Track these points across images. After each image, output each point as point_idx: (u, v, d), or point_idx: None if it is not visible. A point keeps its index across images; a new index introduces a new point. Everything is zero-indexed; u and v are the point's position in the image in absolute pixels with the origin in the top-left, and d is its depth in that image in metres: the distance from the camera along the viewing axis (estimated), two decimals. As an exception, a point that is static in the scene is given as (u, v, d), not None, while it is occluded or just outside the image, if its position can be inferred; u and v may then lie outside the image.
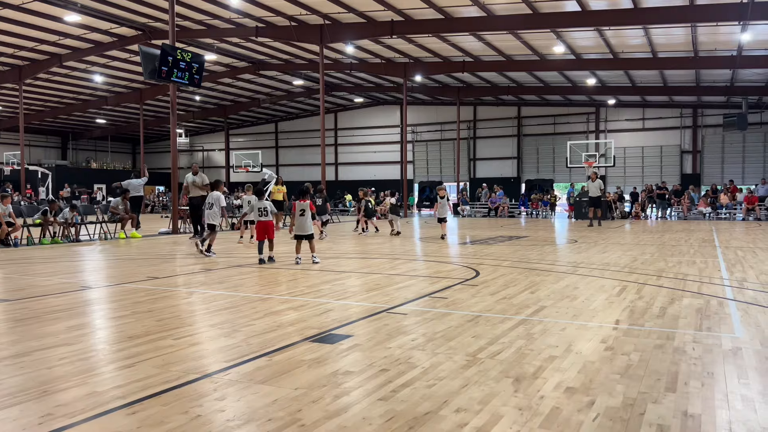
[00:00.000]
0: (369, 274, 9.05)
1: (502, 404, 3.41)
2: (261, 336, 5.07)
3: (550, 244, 14.61)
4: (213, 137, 48.15)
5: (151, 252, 12.87)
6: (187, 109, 40.32)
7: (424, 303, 6.61)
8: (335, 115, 42.70)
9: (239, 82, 33.99)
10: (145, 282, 8.33)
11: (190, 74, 17.66)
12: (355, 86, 36.36)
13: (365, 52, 27.80)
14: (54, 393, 3.62)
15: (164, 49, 16.81)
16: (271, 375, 3.96)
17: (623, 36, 22.74)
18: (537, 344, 4.75)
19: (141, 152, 38.78)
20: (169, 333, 5.20)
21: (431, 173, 39.89)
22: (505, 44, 24.85)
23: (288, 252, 12.61)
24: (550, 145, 36.79)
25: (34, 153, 41.90)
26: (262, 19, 23.13)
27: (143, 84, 32.38)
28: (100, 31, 24.24)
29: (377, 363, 4.22)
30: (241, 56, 28.85)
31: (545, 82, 31.85)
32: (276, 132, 45.68)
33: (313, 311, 6.16)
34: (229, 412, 3.29)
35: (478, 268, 9.47)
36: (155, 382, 3.80)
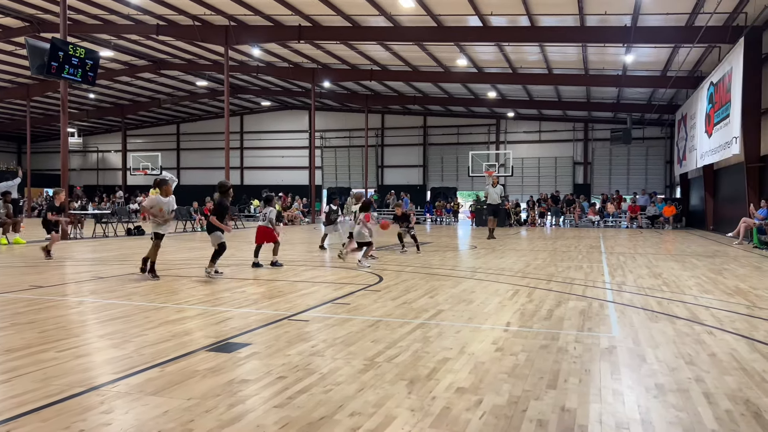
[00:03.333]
0: (272, 281, 8.96)
1: (395, 406, 3.51)
2: (154, 346, 4.90)
3: (452, 250, 15.10)
4: (109, 137, 45.71)
5: (37, 259, 12.02)
6: (81, 107, 38.06)
7: (327, 309, 6.64)
8: (241, 118, 41.84)
9: (138, 81, 32.53)
10: (28, 291, 7.79)
11: (84, 71, 16.72)
12: (262, 89, 35.82)
13: (273, 56, 27.49)
14: None
15: (54, 43, 15.82)
16: (163, 386, 3.85)
17: (522, 52, 23.96)
18: (433, 347, 4.92)
19: (27, 152, 36.10)
20: (53, 345, 4.90)
21: (340, 179, 40.01)
22: (412, 55, 25.44)
23: (189, 258, 12.22)
24: (454, 155, 37.99)
25: None
26: (163, 17, 22.32)
27: (31, 79, 30.22)
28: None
29: (275, 370, 4.21)
30: (141, 54, 27.65)
31: (450, 93, 32.90)
32: (178, 134, 44.07)
33: (211, 320, 6.02)
34: (116, 425, 3.17)
35: (382, 274, 9.63)
36: (34, 398, 3.58)
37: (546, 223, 30.67)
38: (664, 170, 34.84)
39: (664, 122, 33.25)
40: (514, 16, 19.73)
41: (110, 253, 13.70)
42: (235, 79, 32.02)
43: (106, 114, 39.96)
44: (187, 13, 21.82)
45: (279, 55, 27.21)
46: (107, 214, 21.79)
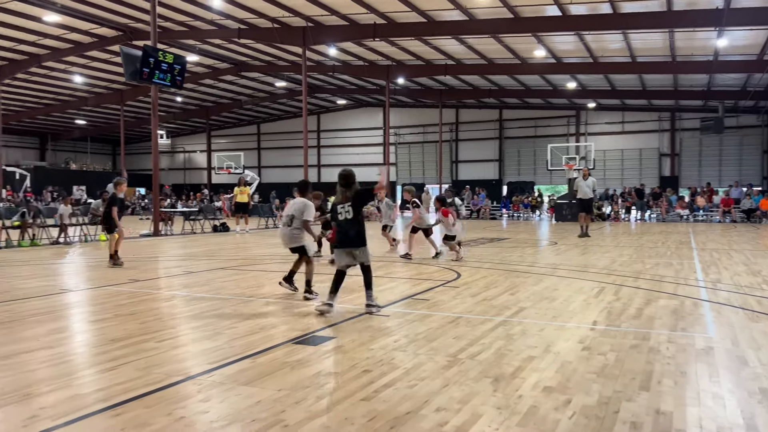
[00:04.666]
0: (351, 276, 9.08)
1: (481, 403, 3.49)
2: (244, 338, 5.11)
3: (531, 246, 14.79)
4: (194, 138, 47.82)
5: (133, 254, 12.78)
6: (169, 110, 40.02)
7: (406, 305, 6.68)
8: (318, 117, 42.67)
9: (221, 83, 33.83)
10: (127, 285, 8.30)
11: (172, 75, 17.57)
12: (337, 88, 36.38)
13: (348, 55, 27.85)
14: (37, 396, 3.63)
15: (146, 50, 16.72)
16: (254, 377, 4.00)
17: (603, 40, 23.07)
18: (516, 345, 4.85)
19: (122, 153, 38.40)
20: (152, 336, 5.21)
21: (414, 175, 40.03)
22: (487, 48, 25.06)
23: (273, 253, 12.59)
24: (531, 148, 37.13)
25: (12, 154, 41.21)
26: (244, 20, 23.08)
27: (124, 85, 32.08)
28: (80, 32, 23.99)
29: (360, 364, 4.28)
30: (224, 57, 28.73)
31: (526, 85, 32.16)
32: (258, 133, 45.51)
33: (295, 313, 6.20)
34: (213, 413, 3.33)
35: (460, 270, 9.57)
36: (138, 385, 3.82)
37: (630, 217, 29.44)
38: (760, 160, 32.56)
39: (761, 109, 31.05)
40: (595, 3, 19.02)
41: (198, 249, 14.35)
42: (312, 78, 32.68)
43: (191, 116, 41.86)
44: (267, 16, 22.47)
45: (354, 53, 27.53)
46: (194, 211, 22.85)
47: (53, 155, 45.85)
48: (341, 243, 6.37)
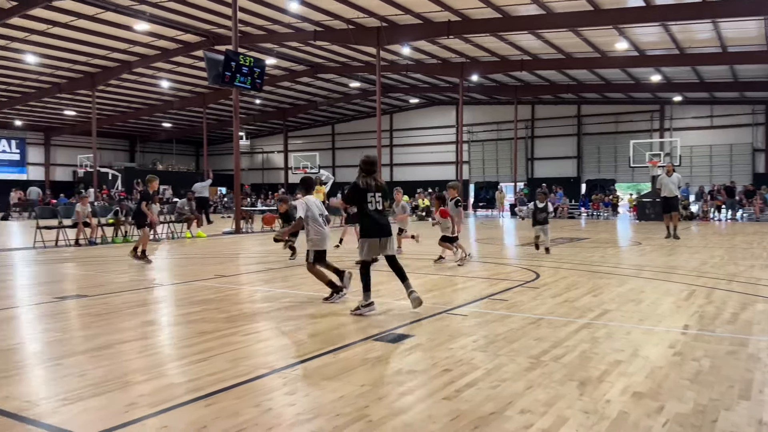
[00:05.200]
0: (427, 275, 9.10)
1: (567, 407, 3.40)
2: (324, 334, 5.21)
3: (613, 246, 14.26)
4: (272, 139, 49.22)
5: (216, 251, 13.32)
6: (248, 112, 41.38)
7: (484, 305, 6.60)
8: (391, 116, 42.90)
9: (297, 85, 34.64)
10: (213, 280, 8.65)
11: (252, 78, 18.15)
12: (410, 87, 36.44)
13: (421, 53, 27.83)
14: (135, 384, 3.85)
15: (228, 54, 17.36)
16: (336, 372, 4.08)
17: (690, 31, 21.90)
18: (602, 348, 4.69)
19: (204, 154, 40.05)
20: (238, 329, 5.40)
21: (487, 173, 39.51)
22: (565, 42, 24.36)
23: (343, 251, 12.78)
24: (611, 144, 35.80)
25: (105, 155, 43.90)
26: (320, 23, 23.52)
27: (206, 88, 33.45)
28: (167, 38, 25.22)
29: (440, 363, 4.27)
30: (300, 60, 29.40)
31: (606, 79, 31.01)
32: (333, 134, 46.29)
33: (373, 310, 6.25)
34: (299, 406, 3.42)
35: (538, 270, 9.36)
36: (227, 376, 3.98)
37: (720, 217, 27.79)
38: None
39: None
40: (682, -9, 18.10)
41: (277, 246, 14.74)
42: (385, 78, 32.89)
43: (269, 117, 43.14)
44: (342, 18, 22.80)
45: (427, 51, 27.48)
46: (273, 210, 23.52)
47: (142, 157, 48.47)
48: (372, 233, 6.12)
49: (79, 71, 29.26)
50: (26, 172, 41.37)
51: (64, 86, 30.84)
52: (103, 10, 21.21)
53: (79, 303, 6.86)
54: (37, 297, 7.33)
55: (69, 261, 11.57)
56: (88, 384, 3.82)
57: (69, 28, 22.96)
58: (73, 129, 41.47)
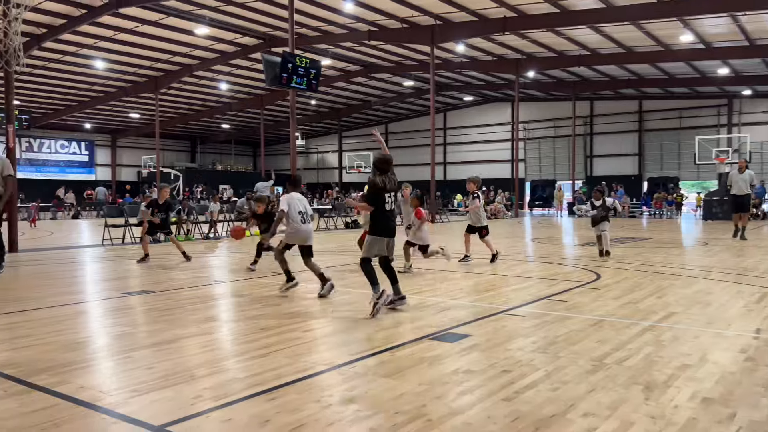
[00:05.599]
0: (483, 275, 9.01)
1: (632, 411, 3.30)
2: (382, 332, 5.24)
3: (677, 247, 13.74)
4: (327, 139, 49.82)
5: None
6: (304, 113, 42.03)
7: (543, 306, 6.49)
8: (444, 115, 42.68)
9: (352, 85, 34.92)
10: (271, 277, 8.83)
11: (308, 79, 18.40)
12: (464, 85, 36.15)
13: (476, 50, 27.57)
14: (200, 377, 3.98)
15: (285, 56, 17.66)
16: (394, 370, 4.09)
17: (762, 21, 20.84)
18: (667, 351, 4.53)
19: (261, 155, 40.97)
20: (298, 326, 5.50)
21: (544, 171, 38.76)
22: (626, 35, 23.62)
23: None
24: (675, 141, 34.48)
25: (168, 156, 45.50)
26: (374, 23, 23.63)
27: (264, 90, 34.18)
28: (226, 42, 25.91)
29: (498, 363, 4.23)
30: (354, 60, 29.63)
31: (670, 73, 29.88)
32: (386, 133, 46.39)
33: (429, 310, 6.25)
34: (359, 403, 3.45)
35: (599, 271, 9.12)
36: (288, 372, 4.05)
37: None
38: None
39: None
40: (753, -21, 17.24)
41: (331, 244, 14.94)
42: (439, 76, 32.76)
43: (324, 118, 43.69)
44: (396, 17, 22.85)
45: (482, 48, 27.20)
46: (328, 209, 23.84)
47: (202, 157, 49.97)
48: (386, 232, 6.20)
49: (143, 75, 30.42)
50: (94, 172, 43.35)
51: (129, 90, 32.14)
52: (165, 16, 21.99)
53: (145, 299, 7.14)
54: (105, 292, 7.67)
55: (134, 258, 12.05)
56: (156, 376, 3.97)
57: (134, 33, 23.90)
58: (138, 131, 43.17)
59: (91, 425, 3.20)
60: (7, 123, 13.66)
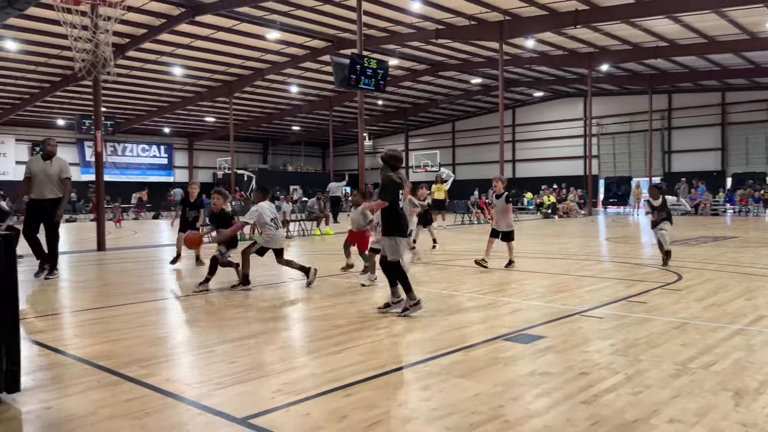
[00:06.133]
0: (556, 275, 8.81)
1: (721, 418, 3.15)
2: (454, 332, 5.22)
3: (766, 246, 12.94)
4: (394, 139, 50.01)
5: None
6: (371, 113, 42.38)
7: (621, 307, 6.27)
8: (513, 111, 41.95)
9: (419, 84, 34.90)
10: (342, 276, 8.97)
11: (376, 80, 18.54)
12: (534, 80, 35.39)
13: (546, 45, 26.94)
14: (279, 372, 4.10)
15: (353, 58, 17.87)
16: (468, 370, 4.07)
17: None
18: (759, 357, 4.28)
19: (330, 156, 41.64)
20: (370, 324, 5.57)
21: (619, 168, 37.40)
22: (707, 24, 22.44)
23: (470, 249, 12.69)
24: (762, 134, 32.44)
25: (241, 158, 46.98)
26: (441, 21, 23.52)
27: (332, 92, 34.71)
28: (296, 45, 26.49)
29: (576, 366, 4.13)
30: (421, 59, 29.60)
31: (756, 63, 28.12)
32: (453, 131, 46.12)
33: (502, 310, 6.17)
34: (434, 402, 3.46)
35: (680, 272, 8.72)
36: (363, 369, 4.11)
37: None
38: None
39: None
40: None
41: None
42: (507, 72, 32.23)
43: (391, 118, 43.88)
44: (464, 14, 22.66)
45: (552, 43, 26.54)
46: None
47: (273, 159, 51.31)
48: (404, 231, 6.10)
49: (218, 80, 31.56)
50: (173, 174, 45.34)
51: (205, 95, 33.41)
52: (238, 22, 22.72)
53: (223, 295, 7.40)
54: (185, 289, 8.01)
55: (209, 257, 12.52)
56: (237, 370, 4.12)
57: (209, 40, 24.83)
58: (213, 134, 44.82)
59: (178, 416, 3.36)
60: (95, 129, 14.53)
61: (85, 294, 7.82)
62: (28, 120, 36.49)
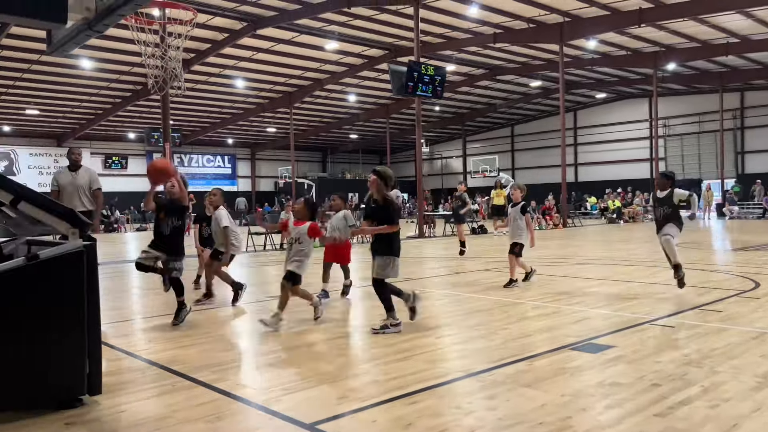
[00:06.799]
0: (623, 282, 8.54)
1: (810, 436, 2.97)
2: (518, 340, 5.14)
3: None
4: (450, 145, 49.79)
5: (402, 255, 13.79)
6: (428, 119, 42.38)
7: (694, 316, 6.02)
8: (574, 114, 41.01)
9: (476, 89, 34.66)
10: (401, 284, 8.97)
11: (433, 87, 18.58)
12: (596, 82, 34.52)
13: (608, 45, 26.24)
14: (344, 378, 4.15)
15: (410, 66, 17.99)
16: (534, 379, 4.00)
17: None
18: None
19: (387, 162, 41.84)
20: (431, 332, 5.56)
21: (688, 170, 35.89)
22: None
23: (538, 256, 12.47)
24: None
25: (301, 167, 47.88)
26: (499, 24, 23.31)
27: (389, 99, 34.94)
28: (353, 55, 26.84)
29: (647, 376, 3.99)
30: (479, 63, 29.41)
31: (839, 55, 26.51)
32: (512, 135, 45.49)
33: (567, 318, 6.03)
34: (500, 411, 3.42)
35: (758, 279, 8.28)
36: (427, 377, 4.11)
37: None
38: None
39: None
40: None
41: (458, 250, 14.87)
42: (568, 74, 31.56)
43: (448, 123, 43.73)
44: (522, 17, 22.38)
45: (615, 43, 25.83)
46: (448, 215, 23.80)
47: (332, 167, 52.05)
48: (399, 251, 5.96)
49: (278, 91, 32.34)
50: (236, 184, 46.68)
51: (266, 106, 34.31)
52: (298, 34, 23.25)
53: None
54: (251, 296, 8.22)
55: (274, 264, 12.82)
56: (304, 376, 4.20)
57: (270, 52, 25.50)
58: (274, 144, 45.91)
59: (249, 420, 3.46)
60: (164, 141, 15.19)
61: (155, 300, 8.15)
62: (101, 134, 38.47)
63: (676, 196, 7.23)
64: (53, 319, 3.54)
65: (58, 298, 3.57)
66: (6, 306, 3.43)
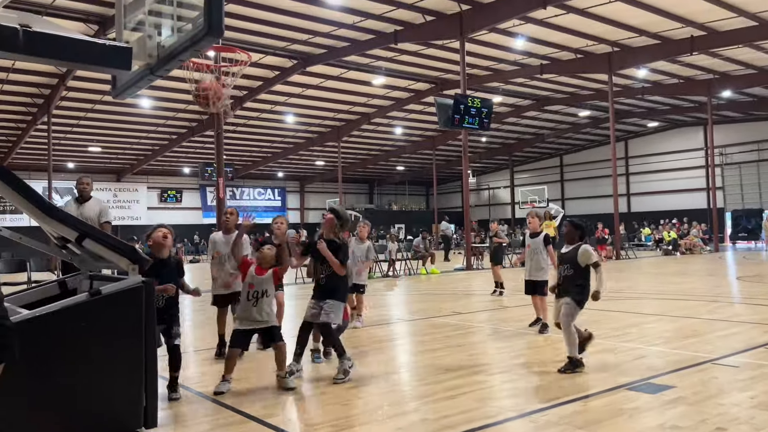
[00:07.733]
0: (681, 318, 8.22)
1: None
2: (571, 378, 5.00)
3: None
4: (498, 175, 49.48)
5: (450, 287, 13.71)
6: (475, 150, 42.32)
7: (759, 355, 5.73)
8: (625, 143, 40.20)
9: (523, 120, 34.49)
10: (450, 316, 8.90)
11: (480, 119, 18.58)
12: (647, 111, 33.84)
13: (659, 74, 25.77)
14: (393, 416, 4.11)
15: (456, 98, 18.07)
16: (590, 421, 3.88)
17: None
18: None
19: (434, 193, 41.88)
20: (481, 368, 5.46)
21: (747, 200, 34.51)
22: None
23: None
24: None
25: (348, 199, 48.39)
26: (546, 56, 23.26)
27: (435, 131, 35.12)
28: (400, 89, 27.21)
29: (710, 420, 3.81)
30: (526, 95, 29.32)
31: None
32: (561, 165, 44.88)
33: (624, 356, 5.83)
34: (554, 455, 3.32)
35: (828, 315, 7.84)
36: (477, 416, 4.04)
37: None
38: None
39: None
40: None
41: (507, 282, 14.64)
42: (618, 104, 31.07)
43: (495, 154, 43.54)
44: (569, 48, 22.27)
45: (666, 71, 25.34)
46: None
47: (379, 198, 52.42)
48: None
49: (327, 126, 33.00)
50: (286, 215, 47.45)
51: (315, 140, 35.01)
52: (346, 70, 23.77)
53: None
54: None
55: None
56: (352, 413, 4.19)
57: (319, 88, 26.13)
58: (322, 176, 46.66)
59: (299, 456, 3.46)
60: (217, 176, 15.65)
61: (205, 332, 8.29)
62: (157, 169, 39.98)
63: (582, 256, 5.27)
64: (113, 352, 3.67)
65: (117, 332, 3.70)
66: (69, 339, 3.57)
